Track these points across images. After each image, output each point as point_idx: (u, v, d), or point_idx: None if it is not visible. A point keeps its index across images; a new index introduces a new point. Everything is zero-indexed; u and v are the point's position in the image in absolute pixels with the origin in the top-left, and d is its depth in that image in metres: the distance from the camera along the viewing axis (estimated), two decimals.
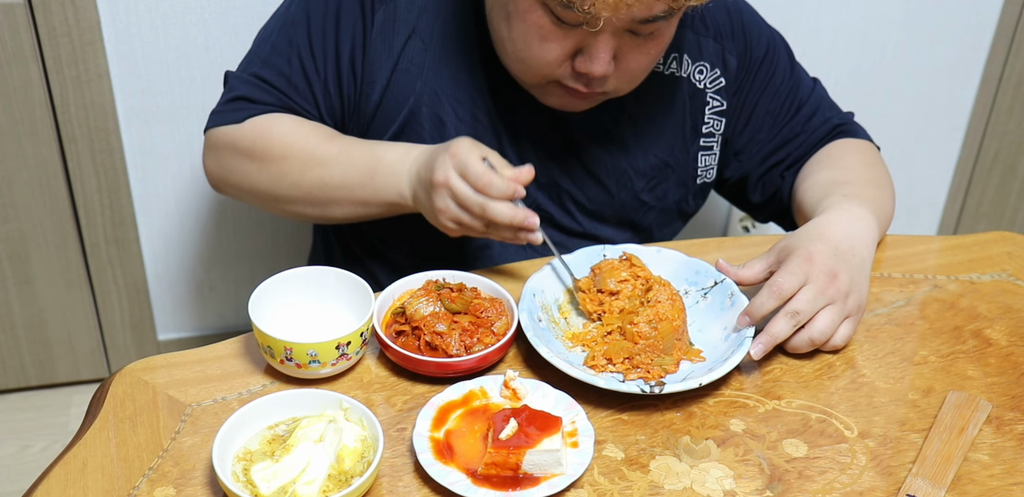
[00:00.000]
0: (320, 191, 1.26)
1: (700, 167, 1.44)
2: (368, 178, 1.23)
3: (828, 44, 2.05)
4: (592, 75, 1.20)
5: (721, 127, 1.42)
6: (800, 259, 1.15)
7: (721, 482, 1.05)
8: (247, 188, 1.32)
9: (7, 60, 1.73)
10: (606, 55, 1.18)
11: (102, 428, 1.07)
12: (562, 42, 1.18)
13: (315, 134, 1.28)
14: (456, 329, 1.14)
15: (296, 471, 1.00)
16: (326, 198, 1.27)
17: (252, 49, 1.35)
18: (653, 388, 1.10)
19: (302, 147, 1.26)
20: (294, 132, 1.28)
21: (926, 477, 1.06)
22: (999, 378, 1.19)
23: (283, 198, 1.29)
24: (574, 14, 1.13)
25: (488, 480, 1.01)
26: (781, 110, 1.44)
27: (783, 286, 1.13)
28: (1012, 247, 1.38)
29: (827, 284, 1.15)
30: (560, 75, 1.22)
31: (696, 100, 1.40)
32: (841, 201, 1.26)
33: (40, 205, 1.89)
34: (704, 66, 1.39)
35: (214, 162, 1.34)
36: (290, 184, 1.27)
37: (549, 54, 1.20)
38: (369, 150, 1.25)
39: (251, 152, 1.29)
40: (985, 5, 2.08)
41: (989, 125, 2.23)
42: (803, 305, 1.14)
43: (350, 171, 1.24)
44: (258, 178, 1.29)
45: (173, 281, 2.08)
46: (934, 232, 2.40)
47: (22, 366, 2.08)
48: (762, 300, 1.14)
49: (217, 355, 1.16)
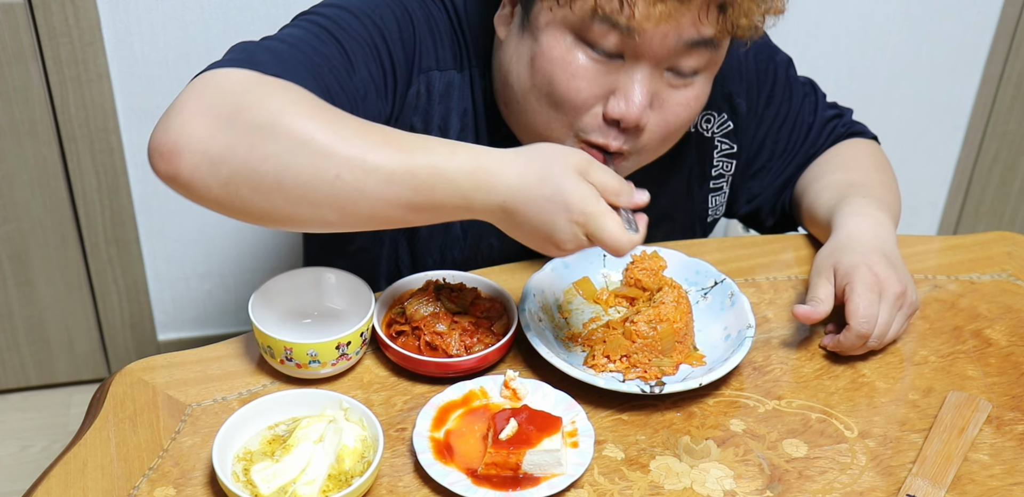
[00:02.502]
0: (350, 179, 0.94)
1: (710, 207, 1.40)
2: (444, 157, 0.95)
3: (828, 44, 2.05)
4: (627, 120, 1.07)
5: (732, 168, 1.38)
6: (866, 279, 1.16)
7: (721, 482, 1.05)
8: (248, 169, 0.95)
9: (7, 60, 1.73)
10: (642, 96, 1.06)
11: (102, 428, 1.07)
12: (593, 80, 1.07)
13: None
14: (456, 329, 1.14)
15: (296, 471, 1.00)
16: (357, 190, 0.94)
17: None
18: (653, 388, 1.10)
19: (329, 115, 0.97)
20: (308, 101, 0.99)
21: (926, 477, 1.06)
22: (999, 378, 1.19)
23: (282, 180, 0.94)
24: (608, 36, 1.03)
25: (488, 480, 1.01)
26: (791, 139, 1.41)
27: (871, 316, 1.15)
28: (1012, 247, 1.38)
29: (897, 297, 1.17)
30: (585, 126, 1.10)
31: (704, 148, 1.34)
32: (863, 206, 1.27)
33: (40, 205, 1.89)
34: (712, 115, 1.33)
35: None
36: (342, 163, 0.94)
37: (578, 94, 1.07)
38: (417, 136, 0.99)
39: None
40: (985, 5, 2.08)
41: (989, 125, 2.23)
42: (883, 327, 1.16)
43: (404, 149, 0.95)
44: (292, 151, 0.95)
45: (173, 281, 2.08)
46: (934, 232, 2.40)
47: (22, 366, 2.08)
48: (857, 333, 1.15)
49: (217, 355, 1.16)
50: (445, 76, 1.20)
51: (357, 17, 1.14)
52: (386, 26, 1.15)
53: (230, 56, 1.03)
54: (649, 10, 1.01)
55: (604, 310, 1.23)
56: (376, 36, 1.14)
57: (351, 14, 1.14)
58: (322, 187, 0.93)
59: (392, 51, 1.15)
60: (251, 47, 1.06)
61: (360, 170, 0.93)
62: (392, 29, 1.15)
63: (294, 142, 0.93)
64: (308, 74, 1.04)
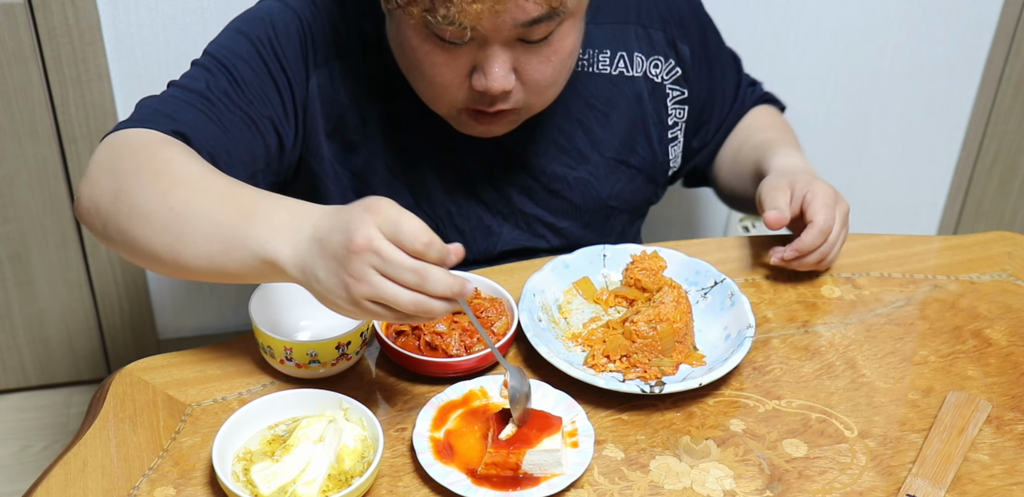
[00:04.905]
0: (183, 212, 1.01)
1: (671, 159, 1.43)
2: (243, 218, 0.98)
3: (828, 44, 2.05)
4: (491, 92, 1.13)
5: (684, 115, 1.42)
6: (826, 189, 1.27)
7: (721, 482, 1.05)
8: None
9: (7, 60, 1.73)
10: (500, 69, 1.12)
11: (102, 428, 1.07)
12: (452, 64, 1.13)
13: (206, 164, 1.09)
14: (456, 329, 1.14)
15: (296, 471, 1.00)
16: (182, 225, 1.00)
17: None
18: (653, 388, 1.10)
19: (187, 166, 1.06)
20: (185, 154, 1.09)
21: (926, 477, 1.06)
22: (999, 378, 1.19)
23: (135, 213, 1.03)
24: (446, 30, 1.08)
25: (488, 480, 1.02)
26: (726, 94, 1.48)
27: (830, 218, 1.24)
28: (1012, 247, 1.38)
29: (846, 214, 1.28)
30: (462, 99, 1.17)
31: (657, 94, 1.38)
32: (793, 152, 1.41)
33: (40, 205, 1.89)
34: (659, 59, 1.37)
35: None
36: (157, 194, 1.03)
37: (443, 77, 1.14)
38: (257, 191, 1.03)
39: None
40: (985, 5, 2.07)
41: (989, 125, 2.23)
42: (836, 235, 1.26)
43: (227, 202, 1.01)
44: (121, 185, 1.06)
45: (173, 281, 2.07)
46: (934, 232, 2.40)
47: (22, 366, 2.08)
48: (820, 229, 1.23)
49: (217, 355, 1.16)
50: (345, 63, 1.25)
51: (239, 53, 1.23)
52: (263, 47, 1.22)
53: (134, 115, 1.16)
54: (469, 9, 1.05)
55: (604, 310, 1.23)
56: (260, 63, 1.22)
57: (233, 53, 1.23)
58: (159, 218, 1.02)
59: (282, 63, 1.22)
60: (152, 104, 1.17)
61: (189, 204, 1.01)
62: (271, 45, 1.23)
63: (147, 180, 1.04)
64: (195, 119, 1.16)
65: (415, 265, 0.91)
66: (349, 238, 0.90)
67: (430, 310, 0.92)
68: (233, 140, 1.18)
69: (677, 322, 1.15)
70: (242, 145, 1.18)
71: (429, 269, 0.91)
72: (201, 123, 1.16)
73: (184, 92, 1.19)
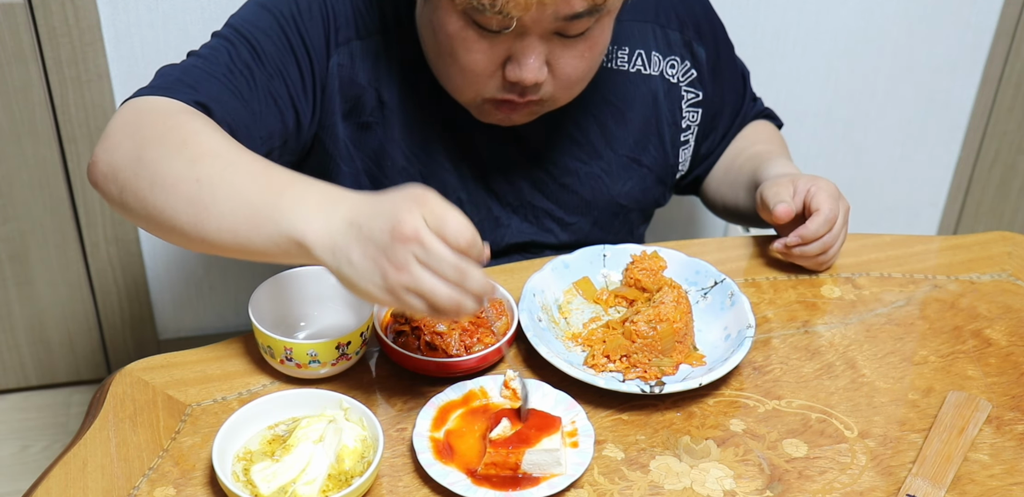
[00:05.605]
0: (210, 184, 0.99)
1: (680, 162, 1.43)
2: (275, 196, 0.97)
3: (828, 44, 2.05)
4: (524, 83, 1.14)
5: (697, 118, 1.42)
6: (829, 186, 1.29)
7: (721, 482, 1.05)
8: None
9: (7, 60, 1.73)
10: (535, 61, 1.12)
11: (102, 428, 1.07)
12: (488, 52, 1.13)
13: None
14: (456, 329, 1.14)
15: (296, 471, 1.00)
16: (210, 197, 0.99)
17: None
18: (653, 388, 1.10)
19: (215, 138, 1.05)
20: (210, 126, 1.08)
21: (926, 477, 1.06)
22: (999, 378, 1.19)
23: (159, 182, 1.01)
24: (490, 18, 1.08)
25: (488, 480, 1.02)
26: (735, 103, 1.48)
27: (835, 208, 1.27)
28: (1012, 247, 1.38)
29: (847, 211, 1.30)
30: (492, 89, 1.17)
31: (672, 95, 1.39)
32: (789, 164, 1.41)
33: (40, 205, 1.89)
34: (675, 60, 1.38)
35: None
36: (183, 163, 1.01)
37: (477, 65, 1.14)
38: (288, 171, 1.01)
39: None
40: (985, 5, 2.07)
41: (989, 125, 2.23)
42: (839, 229, 1.28)
43: (258, 178, 0.99)
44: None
45: (173, 281, 2.07)
46: (934, 232, 2.40)
47: (22, 366, 2.08)
48: (826, 217, 1.26)
49: (217, 355, 1.16)
50: (366, 44, 1.25)
51: (262, 27, 1.22)
52: (287, 23, 1.22)
53: (155, 83, 1.15)
54: (516, 0, 1.06)
55: (604, 310, 1.23)
56: (282, 38, 1.22)
57: (256, 27, 1.22)
58: (185, 188, 1.00)
59: (304, 40, 1.22)
60: (174, 73, 1.17)
61: (218, 177, 0.99)
62: (295, 21, 1.22)
63: (172, 149, 1.02)
64: (218, 91, 1.15)
65: (457, 261, 0.91)
66: (395, 226, 0.90)
67: (463, 307, 0.93)
68: (254, 115, 1.17)
69: (677, 322, 1.15)
70: (262, 121, 1.18)
71: (471, 266, 0.92)
72: (223, 96, 1.14)
73: (207, 63, 1.18)
